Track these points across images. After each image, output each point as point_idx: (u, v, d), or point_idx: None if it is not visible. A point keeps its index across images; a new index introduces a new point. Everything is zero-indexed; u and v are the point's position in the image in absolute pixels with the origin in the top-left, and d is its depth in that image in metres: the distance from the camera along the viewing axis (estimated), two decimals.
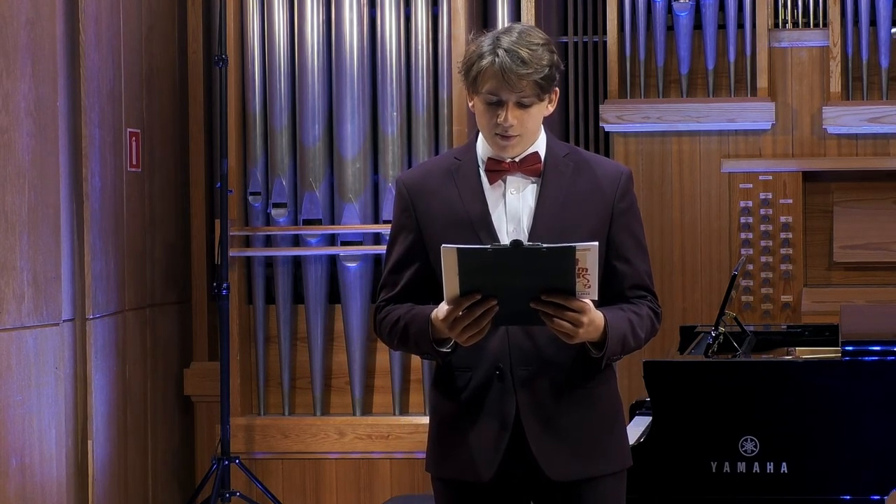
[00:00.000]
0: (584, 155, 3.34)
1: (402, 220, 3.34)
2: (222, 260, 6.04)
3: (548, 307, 3.08)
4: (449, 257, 3.05)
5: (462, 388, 3.28)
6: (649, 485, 4.45)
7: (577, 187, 3.28)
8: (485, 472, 3.25)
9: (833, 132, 6.73)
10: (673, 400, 4.46)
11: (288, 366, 6.38)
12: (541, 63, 3.18)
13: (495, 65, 3.17)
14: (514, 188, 3.28)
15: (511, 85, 3.17)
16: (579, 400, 3.27)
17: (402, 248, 3.33)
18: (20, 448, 5.10)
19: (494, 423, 3.25)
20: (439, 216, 3.28)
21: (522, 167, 3.27)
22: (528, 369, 3.24)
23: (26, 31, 5.15)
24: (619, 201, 3.30)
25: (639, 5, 6.83)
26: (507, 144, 3.24)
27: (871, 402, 4.40)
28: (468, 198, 3.27)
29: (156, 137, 6.30)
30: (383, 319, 3.34)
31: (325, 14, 6.29)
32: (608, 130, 6.88)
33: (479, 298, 3.07)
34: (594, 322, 3.14)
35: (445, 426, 3.32)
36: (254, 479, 6.11)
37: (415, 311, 3.27)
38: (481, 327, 3.11)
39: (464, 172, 3.30)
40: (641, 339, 3.30)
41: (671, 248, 6.78)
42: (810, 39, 6.83)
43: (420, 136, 6.29)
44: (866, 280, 6.73)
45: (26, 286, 5.13)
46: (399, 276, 3.33)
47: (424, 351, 3.26)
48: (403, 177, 3.37)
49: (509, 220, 3.27)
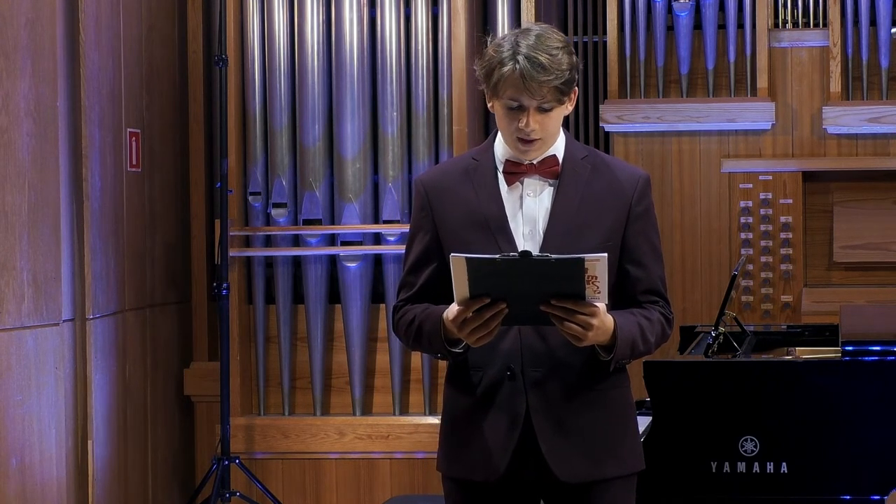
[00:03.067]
0: (602, 157, 3.35)
1: (419, 221, 3.35)
2: (222, 260, 6.04)
3: (558, 310, 3.08)
4: (458, 265, 3.06)
5: (474, 388, 3.28)
6: (649, 485, 4.44)
7: (594, 190, 3.28)
8: (494, 471, 3.25)
9: (833, 132, 6.73)
10: (673, 400, 4.46)
11: (288, 366, 6.37)
12: (560, 68, 3.18)
13: (516, 72, 3.16)
14: (532, 190, 3.28)
15: (532, 92, 3.17)
16: (591, 402, 3.27)
17: (419, 248, 3.34)
18: (20, 448, 5.10)
19: (505, 422, 3.25)
20: (456, 216, 3.29)
21: (540, 169, 3.27)
22: (539, 370, 3.24)
23: (26, 31, 5.15)
24: (635, 205, 3.30)
25: (639, 5, 6.83)
26: (529, 148, 3.24)
27: (871, 402, 4.40)
28: (485, 199, 3.28)
29: (156, 137, 6.30)
30: (400, 319, 3.35)
31: (325, 14, 6.29)
32: (608, 130, 6.88)
33: (489, 301, 3.08)
34: (604, 325, 3.14)
35: (456, 424, 3.33)
36: (254, 479, 6.11)
37: (429, 310, 3.28)
38: (490, 329, 3.12)
39: (481, 173, 3.30)
40: (651, 344, 3.30)
41: (671, 248, 6.78)
42: (810, 39, 6.82)
43: (420, 136, 6.28)
44: (866, 280, 6.73)
45: (26, 286, 5.13)
46: (416, 277, 3.34)
47: (437, 350, 3.27)
48: (422, 177, 3.38)
49: (525, 222, 3.27)
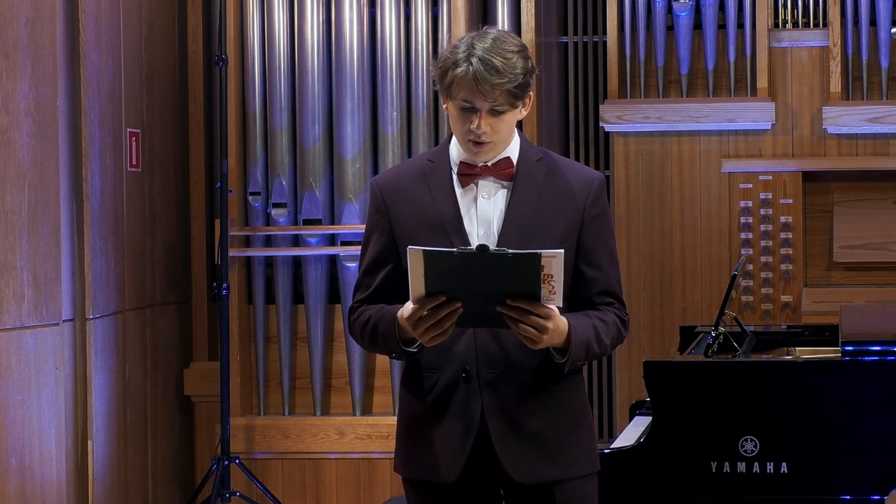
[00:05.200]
0: (557, 160, 3.34)
1: (375, 221, 3.34)
2: (222, 260, 6.04)
3: (513, 311, 3.08)
4: (415, 259, 3.05)
5: (429, 389, 3.28)
6: (649, 485, 4.45)
7: (549, 192, 3.28)
8: (449, 472, 3.26)
9: (833, 132, 6.73)
10: (673, 400, 4.46)
11: (288, 366, 6.37)
12: (514, 71, 3.17)
13: (469, 73, 3.16)
14: (486, 192, 3.27)
15: (484, 94, 3.17)
16: (545, 404, 3.26)
17: (375, 249, 3.33)
18: (20, 448, 5.10)
19: (460, 424, 3.25)
20: (411, 218, 3.28)
21: (494, 171, 3.27)
22: (494, 372, 3.24)
23: (26, 31, 5.15)
24: (589, 207, 3.28)
25: (639, 5, 6.83)
26: (480, 150, 3.24)
27: (871, 402, 4.40)
28: (440, 200, 3.27)
29: (156, 137, 6.30)
30: (356, 320, 3.34)
31: (325, 14, 6.29)
32: (608, 130, 6.88)
33: (444, 300, 3.07)
34: (559, 328, 3.13)
35: (412, 426, 3.33)
36: (254, 479, 6.11)
37: (384, 310, 3.27)
38: (444, 328, 3.11)
39: (436, 175, 3.30)
40: (607, 346, 3.29)
41: (671, 248, 6.78)
42: (810, 39, 6.82)
43: (420, 136, 6.29)
44: (866, 280, 6.73)
45: (26, 286, 5.13)
46: (372, 278, 3.33)
47: (392, 350, 3.26)
48: (378, 178, 3.37)
49: (480, 224, 3.26)
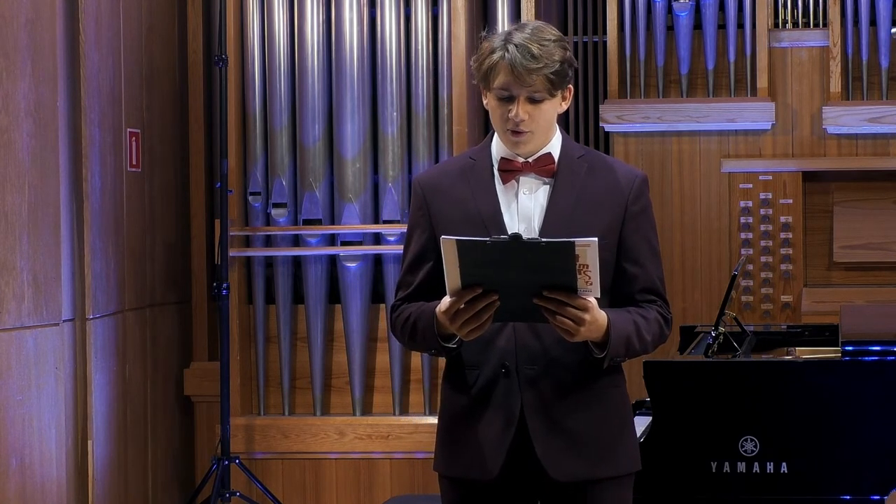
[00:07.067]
0: (599, 157, 3.34)
1: (416, 219, 3.35)
2: (222, 260, 6.04)
3: (550, 303, 3.07)
4: (449, 249, 3.04)
5: (470, 386, 3.28)
6: (649, 485, 4.44)
7: (590, 189, 3.27)
8: (489, 469, 3.25)
9: (833, 132, 6.73)
10: (673, 400, 4.46)
11: (288, 366, 6.37)
12: (552, 58, 3.18)
13: (505, 59, 3.17)
14: (527, 188, 3.27)
15: (521, 79, 3.17)
16: (586, 401, 3.26)
17: (416, 246, 3.34)
18: (20, 448, 5.10)
19: (500, 420, 3.24)
20: (452, 214, 3.28)
21: (535, 167, 3.27)
22: (533, 368, 3.24)
23: (26, 31, 5.15)
24: (631, 204, 3.28)
25: (639, 5, 6.83)
26: (519, 140, 3.23)
27: (871, 402, 4.40)
28: (480, 197, 3.27)
29: (156, 137, 6.30)
30: (397, 318, 3.34)
31: (325, 14, 6.29)
32: (608, 130, 6.88)
33: (481, 292, 3.07)
34: (597, 321, 3.12)
35: (454, 423, 3.32)
36: (254, 479, 6.11)
37: (423, 307, 3.27)
38: (482, 321, 3.10)
39: (477, 172, 3.30)
40: (648, 343, 3.27)
41: (671, 248, 6.78)
42: (810, 39, 6.82)
43: (420, 136, 6.28)
44: (866, 280, 6.73)
45: (26, 286, 5.13)
46: (414, 276, 3.34)
47: (431, 346, 3.26)
48: (420, 176, 3.38)
49: (521, 220, 3.26)
